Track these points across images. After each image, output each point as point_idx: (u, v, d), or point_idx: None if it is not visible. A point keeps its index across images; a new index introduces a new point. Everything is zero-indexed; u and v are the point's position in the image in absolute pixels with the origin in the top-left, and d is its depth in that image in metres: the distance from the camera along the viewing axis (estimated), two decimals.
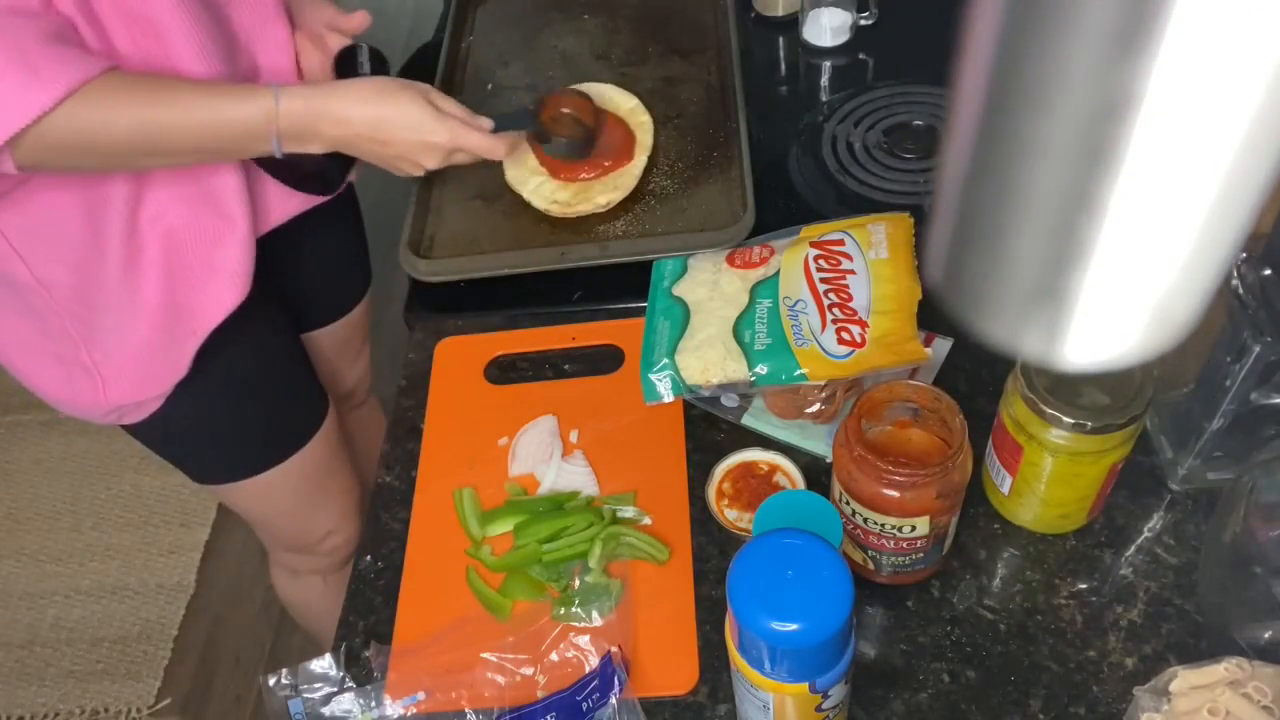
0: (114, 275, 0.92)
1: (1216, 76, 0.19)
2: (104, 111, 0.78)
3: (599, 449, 0.93)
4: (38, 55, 0.74)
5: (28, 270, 0.90)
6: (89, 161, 0.83)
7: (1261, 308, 0.72)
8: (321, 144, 0.88)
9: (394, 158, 0.91)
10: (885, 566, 0.78)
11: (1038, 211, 0.23)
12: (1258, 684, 0.63)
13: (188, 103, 0.82)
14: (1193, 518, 0.83)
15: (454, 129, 0.91)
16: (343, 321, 1.30)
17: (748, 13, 1.36)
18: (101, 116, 0.78)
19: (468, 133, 0.92)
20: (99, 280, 0.92)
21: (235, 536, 2.03)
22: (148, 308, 0.94)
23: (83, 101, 0.76)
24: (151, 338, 0.96)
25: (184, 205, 0.92)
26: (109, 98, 0.78)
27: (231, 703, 1.83)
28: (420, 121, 0.89)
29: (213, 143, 0.85)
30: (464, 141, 0.92)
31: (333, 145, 0.89)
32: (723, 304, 0.92)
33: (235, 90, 0.85)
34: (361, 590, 0.88)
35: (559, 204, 1.07)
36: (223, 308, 0.97)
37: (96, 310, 0.94)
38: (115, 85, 0.79)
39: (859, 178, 1.14)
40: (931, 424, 0.77)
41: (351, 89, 0.89)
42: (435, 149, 0.91)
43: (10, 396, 2.29)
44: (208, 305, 0.97)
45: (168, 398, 1.01)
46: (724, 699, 0.77)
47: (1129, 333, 0.25)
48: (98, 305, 0.93)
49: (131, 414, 1.02)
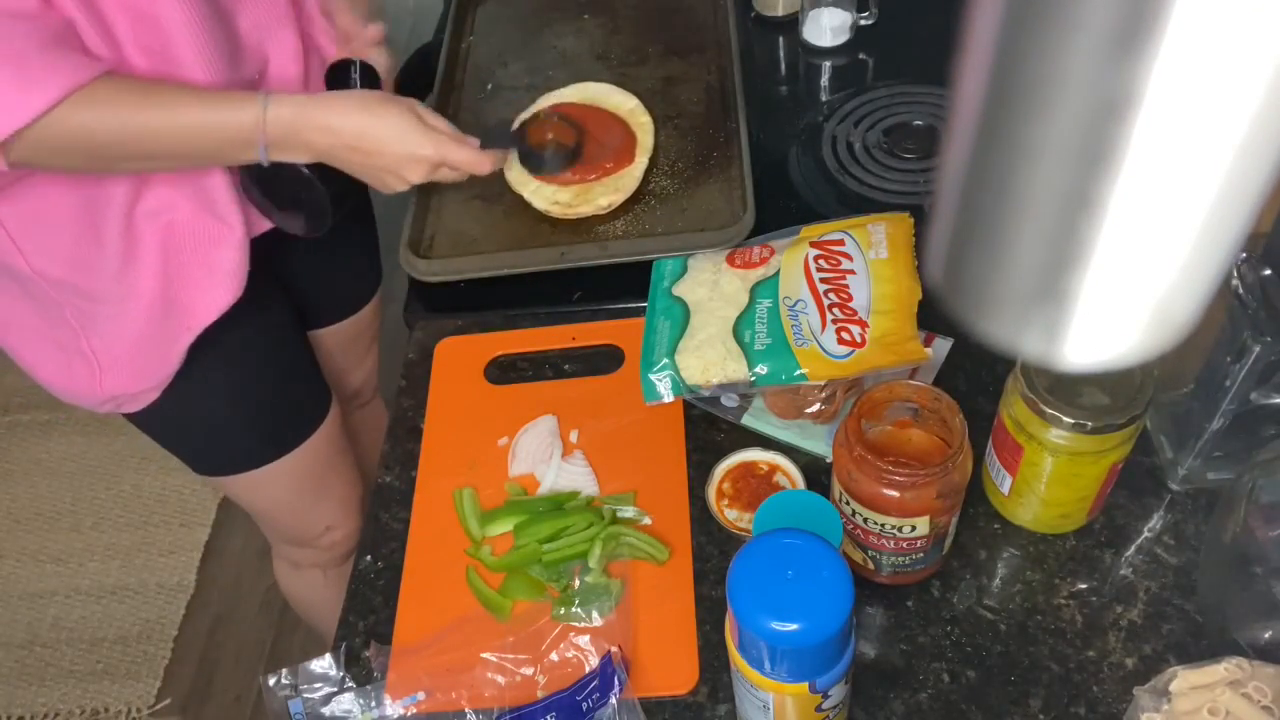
0: (111, 268, 0.92)
1: (1216, 76, 0.19)
2: (94, 114, 0.79)
3: (599, 449, 0.93)
4: (33, 59, 0.75)
5: (25, 262, 0.91)
6: (77, 162, 0.84)
7: (1261, 308, 0.72)
8: (308, 153, 0.89)
9: (379, 170, 0.91)
10: (885, 566, 0.78)
11: (1037, 211, 0.23)
12: (1258, 684, 0.63)
13: (176, 107, 0.83)
14: (1193, 518, 0.83)
15: (440, 143, 0.91)
16: (351, 320, 1.30)
17: (748, 13, 1.36)
18: (91, 119, 0.79)
19: (454, 147, 0.92)
20: (96, 272, 0.92)
21: (235, 536, 2.03)
22: (144, 301, 0.95)
23: (75, 104, 0.77)
24: (147, 331, 0.97)
25: (183, 203, 0.93)
26: (100, 101, 0.79)
27: (231, 703, 1.83)
28: (407, 134, 0.89)
29: (201, 147, 0.86)
30: (450, 155, 0.91)
31: (318, 155, 0.89)
32: (723, 304, 0.92)
33: (225, 96, 0.86)
34: (361, 590, 0.88)
35: (560, 205, 1.07)
36: (216, 306, 0.98)
37: (94, 301, 0.94)
38: (108, 89, 0.79)
39: (859, 178, 1.14)
40: (931, 424, 0.77)
41: (340, 100, 0.89)
42: (421, 162, 0.90)
43: (10, 396, 2.29)
44: (202, 303, 0.97)
45: (166, 389, 1.02)
46: (724, 699, 0.77)
47: (1129, 333, 0.25)
48: (95, 296, 0.94)
49: (128, 404, 1.03)
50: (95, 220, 0.90)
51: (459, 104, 1.24)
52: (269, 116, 0.85)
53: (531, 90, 1.22)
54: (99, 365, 0.98)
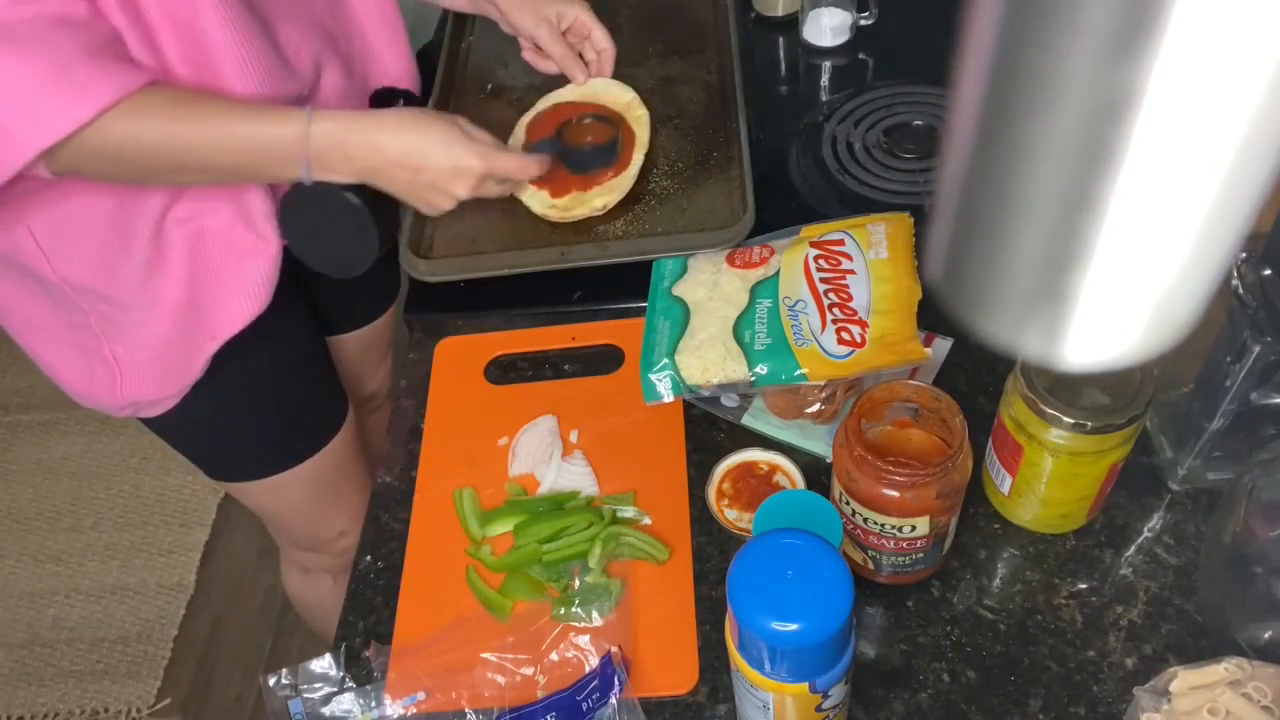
0: (137, 274, 0.92)
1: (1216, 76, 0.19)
2: (139, 124, 0.78)
3: (599, 449, 0.93)
4: (82, 68, 0.74)
5: (50, 268, 0.90)
6: (118, 171, 0.83)
7: (1261, 308, 0.72)
8: (350, 171, 0.87)
9: (425, 186, 0.89)
10: (885, 566, 0.78)
11: (1037, 211, 0.23)
12: (1258, 684, 0.63)
13: (220, 119, 0.82)
14: (1193, 518, 0.83)
15: (486, 154, 0.89)
16: (369, 327, 1.30)
17: (748, 13, 1.36)
18: (136, 128, 0.78)
19: (500, 157, 0.91)
20: (122, 279, 0.92)
21: (235, 536, 2.03)
22: (168, 308, 0.94)
23: (120, 114, 0.76)
24: (170, 338, 0.96)
25: (217, 211, 0.92)
26: (145, 111, 0.78)
27: (231, 703, 1.83)
28: (452, 146, 0.88)
29: (243, 161, 0.85)
30: (497, 166, 0.90)
31: (363, 173, 0.87)
32: (723, 304, 0.92)
33: (269, 110, 0.85)
34: (361, 590, 0.88)
35: (557, 209, 1.07)
36: (242, 317, 0.97)
37: (119, 307, 0.94)
38: (153, 99, 0.79)
39: (859, 178, 1.14)
40: (931, 424, 0.77)
41: (385, 117, 0.88)
42: (468, 174, 0.89)
43: (10, 396, 2.29)
44: (227, 312, 0.96)
45: (185, 396, 1.01)
46: (724, 699, 0.77)
47: (1129, 333, 0.25)
48: (120, 302, 0.93)
49: (147, 409, 1.02)
50: (126, 226, 0.89)
51: (459, 104, 1.24)
52: (313, 131, 0.83)
53: (532, 90, 1.22)
54: (120, 371, 0.98)
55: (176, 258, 0.93)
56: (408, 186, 0.89)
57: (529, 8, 1.10)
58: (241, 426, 1.10)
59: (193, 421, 1.06)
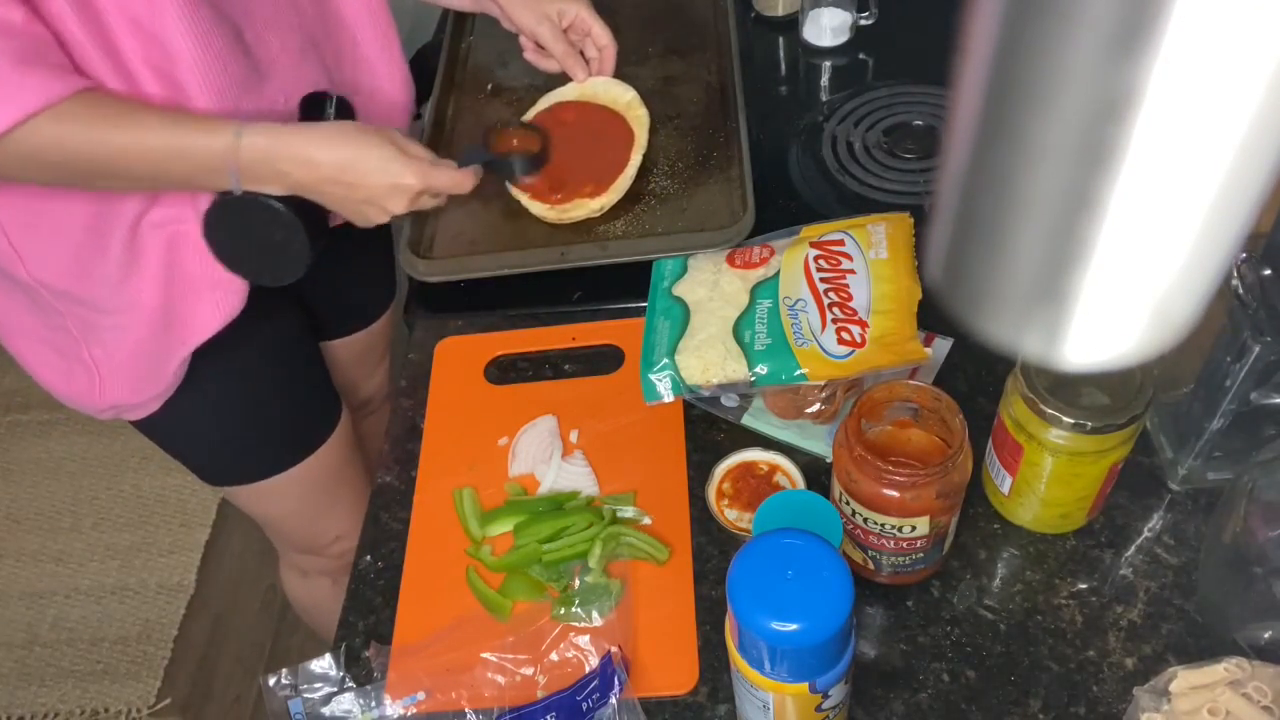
0: (113, 278, 0.91)
1: (1216, 76, 0.19)
2: (65, 130, 0.77)
3: (599, 449, 0.93)
4: (6, 74, 0.74)
5: (25, 270, 0.90)
6: (50, 176, 0.82)
7: (1261, 308, 0.72)
8: (283, 185, 0.86)
9: (361, 202, 0.89)
10: (885, 566, 0.78)
11: (1038, 211, 0.23)
12: (1258, 684, 0.63)
13: (146, 129, 0.81)
14: (1193, 518, 0.83)
15: (422, 170, 0.89)
16: (364, 333, 1.29)
17: (748, 13, 1.36)
18: (62, 135, 0.77)
19: (436, 172, 0.90)
20: (97, 282, 0.92)
21: (235, 537, 2.03)
22: (144, 312, 0.94)
23: (46, 121, 0.76)
24: (146, 342, 0.96)
25: (192, 215, 0.91)
26: (72, 118, 0.77)
27: (231, 703, 1.83)
28: (389, 163, 0.87)
29: (171, 170, 0.83)
30: (433, 181, 0.90)
31: (294, 187, 0.86)
32: (723, 304, 0.92)
33: (199, 121, 0.83)
34: (361, 590, 0.88)
35: (554, 210, 1.07)
36: (215, 321, 0.96)
37: (95, 310, 0.94)
38: (81, 106, 0.78)
39: (859, 178, 1.14)
40: (931, 424, 0.77)
41: (318, 131, 0.87)
42: (404, 191, 0.89)
43: (10, 396, 2.29)
44: (201, 317, 0.96)
45: (170, 399, 1.01)
46: (724, 699, 0.77)
47: (1129, 333, 0.25)
48: (96, 306, 0.93)
49: (130, 413, 1.02)
50: (101, 230, 0.89)
51: (459, 104, 1.24)
52: (242, 144, 0.82)
53: (532, 90, 1.22)
54: (99, 374, 0.98)
55: (152, 262, 0.92)
56: (342, 202, 0.89)
57: (530, 5, 1.10)
58: (228, 431, 1.09)
59: (179, 425, 1.05)
